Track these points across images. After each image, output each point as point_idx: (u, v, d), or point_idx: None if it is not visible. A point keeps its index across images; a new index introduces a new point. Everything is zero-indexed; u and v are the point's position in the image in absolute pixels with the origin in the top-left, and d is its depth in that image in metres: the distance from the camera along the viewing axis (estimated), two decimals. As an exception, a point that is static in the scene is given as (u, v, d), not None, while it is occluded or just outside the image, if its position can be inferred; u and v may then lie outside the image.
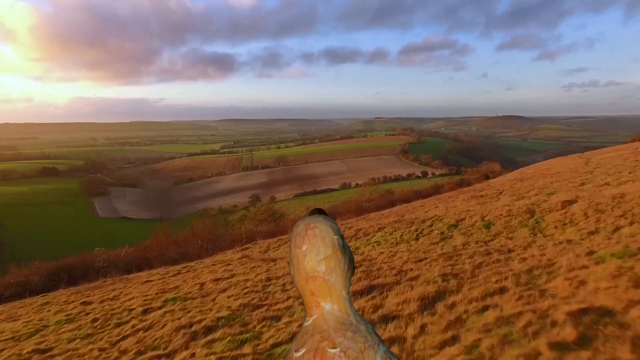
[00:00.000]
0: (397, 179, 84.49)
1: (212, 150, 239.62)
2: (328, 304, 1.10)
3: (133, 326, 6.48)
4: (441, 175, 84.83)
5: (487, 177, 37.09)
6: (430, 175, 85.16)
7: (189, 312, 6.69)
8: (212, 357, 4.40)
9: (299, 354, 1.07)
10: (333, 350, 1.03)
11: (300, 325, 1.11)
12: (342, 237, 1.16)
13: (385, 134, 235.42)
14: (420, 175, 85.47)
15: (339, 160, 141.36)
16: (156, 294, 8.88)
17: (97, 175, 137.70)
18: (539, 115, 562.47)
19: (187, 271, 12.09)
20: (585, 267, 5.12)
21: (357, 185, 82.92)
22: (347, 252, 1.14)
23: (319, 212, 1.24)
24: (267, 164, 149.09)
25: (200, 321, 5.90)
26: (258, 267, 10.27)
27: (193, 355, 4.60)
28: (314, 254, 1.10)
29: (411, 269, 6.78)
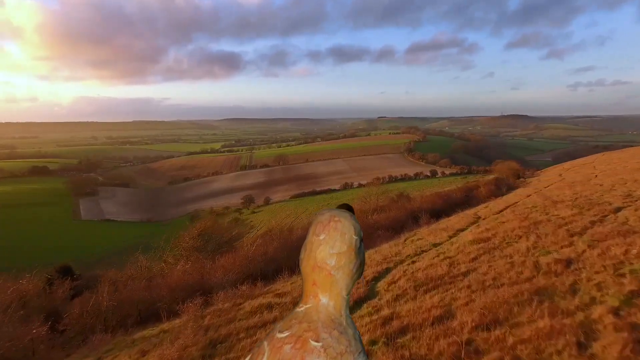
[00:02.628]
0: (404, 178, 77.76)
1: (212, 149, 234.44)
2: (325, 298, 1.10)
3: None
4: (452, 174, 78.11)
5: (519, 177, 30.79)
6: (440, 174, 78.42)
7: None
8: None
9: (282, 335, 1.07)
10: (315, 343, 1.03)
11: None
12: (361, 240, 1.15)
13: (389, 133, 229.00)
14: (429, 174, 78.61)
15: (341, 159, 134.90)
16: None
17: (90, 174, 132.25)
18: (544, 115, 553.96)
19: None
20: None
21: (360, 185, 76.46)
22: (360, 255, 1.13)
23: (348, 208, 1.22)
24: (266, 163, 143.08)
25: None
26: None
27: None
28: (328, 245, 1.09)
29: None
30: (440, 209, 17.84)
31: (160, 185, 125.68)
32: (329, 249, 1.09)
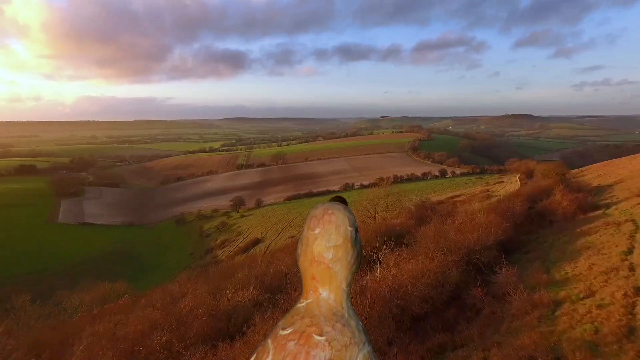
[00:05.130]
0: (411, 179, 70.59)
1: (211, 148, 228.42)
2: (325, 292, 1.11)
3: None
4: (462, 174, 71.02)
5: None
6: (450, 174, 71.27)
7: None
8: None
9: (285, 332, 1.08)
10: (319, 338, 1.03)
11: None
12: (357, 230, 1.16)
13: (392, 132, 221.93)
14: (438, 174, 71.48)
15: (342, 158, 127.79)
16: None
17: (80, 173, 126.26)
18: (548, 115, 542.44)
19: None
20: None
21: (362, 186, 69.60)
22: (357, 246, 1.14)
23: (341, 200, 1.23)
24: (263, 162, 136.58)
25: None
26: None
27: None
28: (324, 239, 1.10)
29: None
30: (508, 240, 10.11)
31: (152, 185, 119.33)
32: (325, 242, 1.09)
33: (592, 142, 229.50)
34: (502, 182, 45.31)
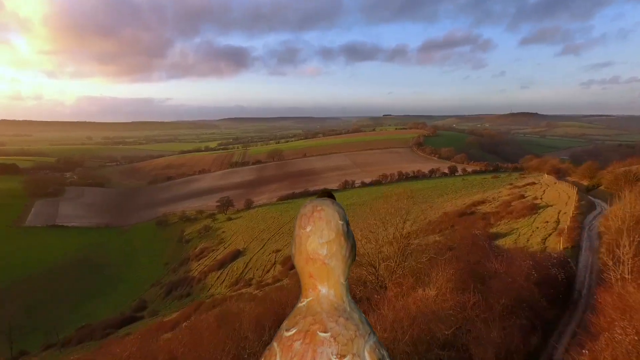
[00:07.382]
0: (418, 176, 62.96)
1: (207, 147, 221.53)
2: (325, 288, 1.11)
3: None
4: (475, 172, 63.47)
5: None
6: (460, 172, 63.54)
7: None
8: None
9: (289, 333, 1.07)
10: (323, 335, 1.04)
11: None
12: (347, 224, 1.16)
13: (396, 128, 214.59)
14: (447, 172, 63.73)
15: (342, 153, 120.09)
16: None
17: (65, 173, 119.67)
18: (555, 113, 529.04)
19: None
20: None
21: (362, 184, 62.30)
22: (350, 239, 1.14)
23: (329, 195, 1.23)
24: (259, 159, 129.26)
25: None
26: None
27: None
28: (317, 236, 1.11)
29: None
30: None
31: (139, 185, 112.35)
32: (318, 239, 1.09)
33: (600, 142, 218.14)
34: (534, 183, 37.51)
